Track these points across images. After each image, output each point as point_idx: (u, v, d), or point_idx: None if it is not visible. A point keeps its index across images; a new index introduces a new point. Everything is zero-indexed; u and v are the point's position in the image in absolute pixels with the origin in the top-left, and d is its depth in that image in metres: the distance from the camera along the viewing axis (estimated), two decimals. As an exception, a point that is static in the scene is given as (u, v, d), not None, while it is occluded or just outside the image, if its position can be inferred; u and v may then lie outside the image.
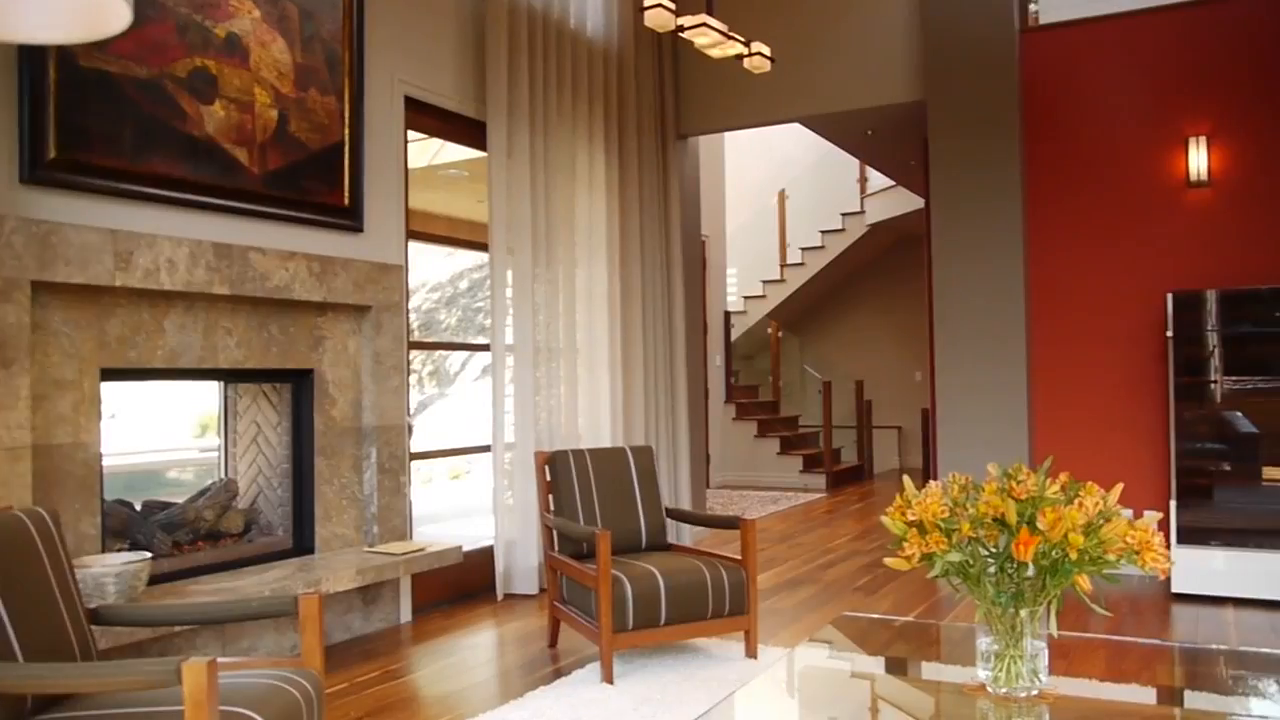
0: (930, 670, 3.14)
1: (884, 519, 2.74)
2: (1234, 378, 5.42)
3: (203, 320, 4.11)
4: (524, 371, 5.77)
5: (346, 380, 4.81)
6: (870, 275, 12.88)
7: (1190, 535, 5.30)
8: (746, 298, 12.76)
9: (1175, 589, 5.23)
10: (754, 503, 9.56)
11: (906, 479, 2.83)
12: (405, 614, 5.08)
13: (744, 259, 12.78)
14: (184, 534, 4.25)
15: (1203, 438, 5.47)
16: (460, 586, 5.55)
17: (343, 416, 4.79)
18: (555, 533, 4.48)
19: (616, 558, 4.18)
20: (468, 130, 5.81)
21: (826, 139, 7.94)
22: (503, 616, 5.21)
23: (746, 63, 5.29)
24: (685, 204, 7.38)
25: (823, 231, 12.17)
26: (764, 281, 12.66)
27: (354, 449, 4.85)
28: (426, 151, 6.55)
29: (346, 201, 4.76)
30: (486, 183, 5.65)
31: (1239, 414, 5.45)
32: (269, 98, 4.33)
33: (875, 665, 3.13)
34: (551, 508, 4.57)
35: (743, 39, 5.13)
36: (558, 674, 4.13)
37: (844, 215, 11.96)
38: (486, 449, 5.82)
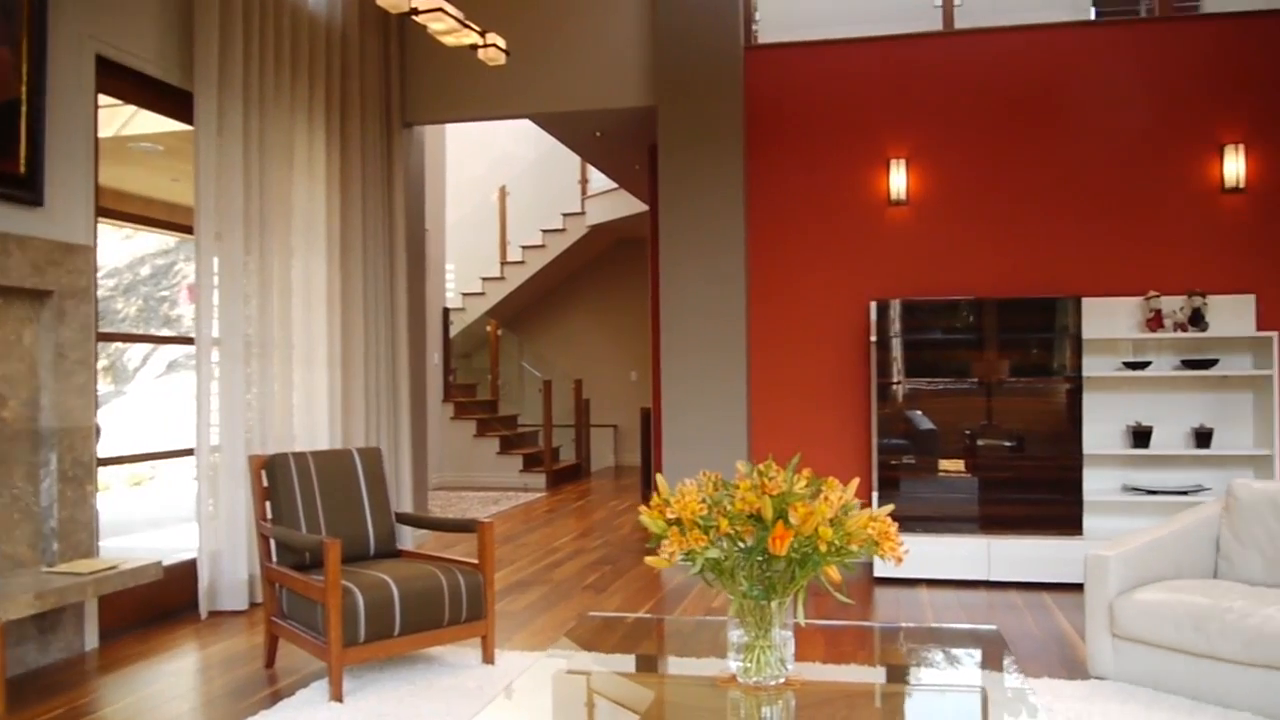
0: (681, 665, 3.17)
1: (643, 517, 2.73)
2: (917, 380, 5.96)
3: None
4: (232, 368, 5.30)
5: (19, 376, 4.17)
6: (590, 276, 13.08)
7: (887, 523, 5.76)
8: (465, 294, 12.55)
9: (876, 574, 5.67)
10: (474, 504, 9.40)
11: (660, 478, 2.84)
12: (91, 640, 4.49)
13: (463, 255, 12.55)
14: None
15: (895, 434, 5.97)
16: (156, 606, 4.99)
17: (15, 418, 4.15)
18: (273, 543, 4.12)
19: (345, 567, 3.90)
20: (171, 100, 5.24)
21: (556, 137, 7.93)
22: (208, 637, 4.74)
23: (481, 54, 5.14)
24: (410, 195, 7.10)
25: (543, 230, 12.20)
26: (483, 279, 12.51)
27: (29, 455, 4.21)
28: (114, 121, 5.85)
29: (22, 169, 4.13)
30: (191, 160, 5.13)
31: (919, 412, 6.00)
32: (-76, 42, 3.67)
33: (626, 664, 3.12)
34: (269, 516, 4.21)
35: (478, 29, 4.98)
36: (277, 696, 3.80)
37: (565, 215, 12.05)
38: (188, 452, 5.29)
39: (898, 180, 6.18)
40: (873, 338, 5.98)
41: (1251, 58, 5.85)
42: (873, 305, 5.98)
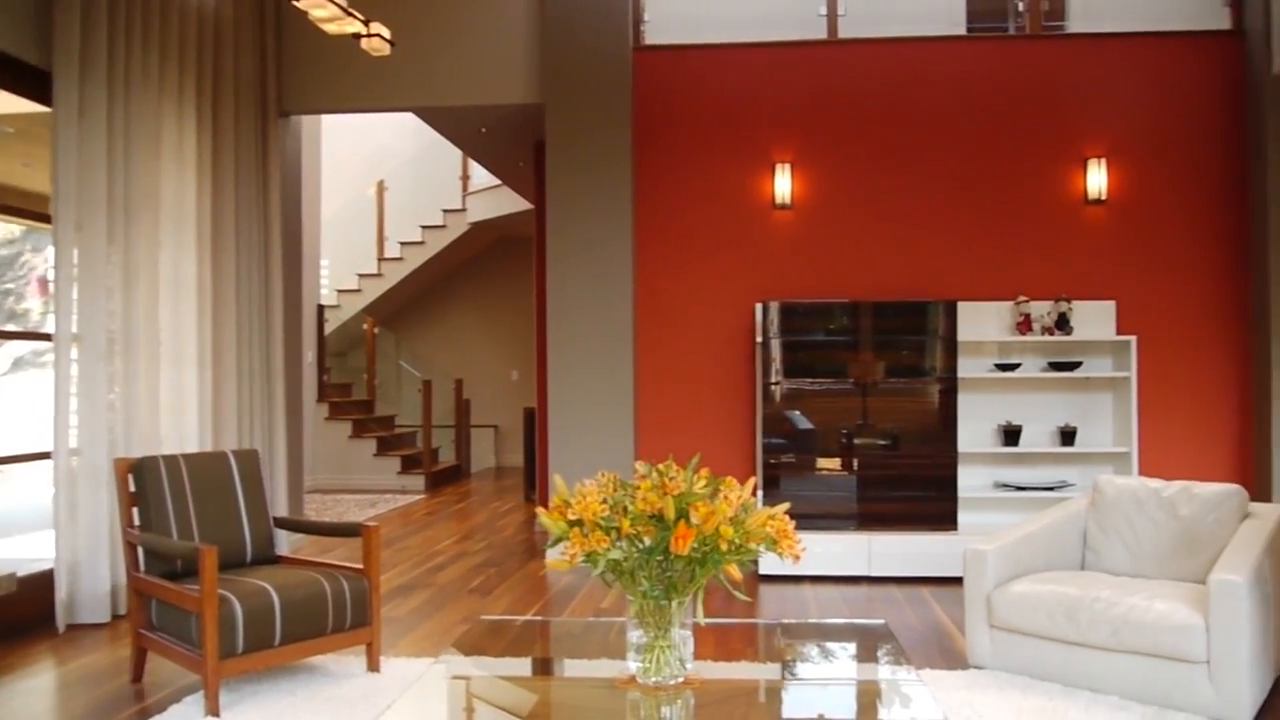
0: (578, 667, 3.13)
1: (543, 519, 2.69)
2: (800, 380, 6.07)
3: None
4: (94, 366, 4.99)
5: None
6: (471, 273, 12.88)
7: (771, 521, 5.84)
8: (340, 291, 12.18)
9: (762, 571, 5.74)
10: (350, 507, 9.13)
11: (558, 479, 2.80)
12: (-68, 660, 4.17)
13: (337, 250, 12.18)
14: None
15: (779, 433, 6.07)
16: (6, 620, 4.66)
17: None
18: (141, 551, 3.90)
19: (221, 575, 3.71)
20: (27, 80, 4.90)
21: (439, 132, 7.77)
22: (67, 652, 4.45)
23: (364, 43, 4.98)
24: (286, 188, 6.83)
25: (423, 226, 11.95)
26: (360, 275, 12.17)
27: None
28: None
29: None
30: (48, 145, 4.81)
31: (801, 412, 6.12)
32: None
33: (522, 668, 3.07)
34: (137, 522, 3.98)
35: (362, 17, 4.83)
36: (146, 713, 3.59)
37: (445, 211, 11.83)
38: (44, 456, 4.95)
39: (782, 184, 6.28)
40: (758, 339, 6.07)
41: (1113, 76, 6.18)
42: (758, 307, 6.07)
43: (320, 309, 10.87)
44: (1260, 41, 5.93)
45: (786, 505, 2.74)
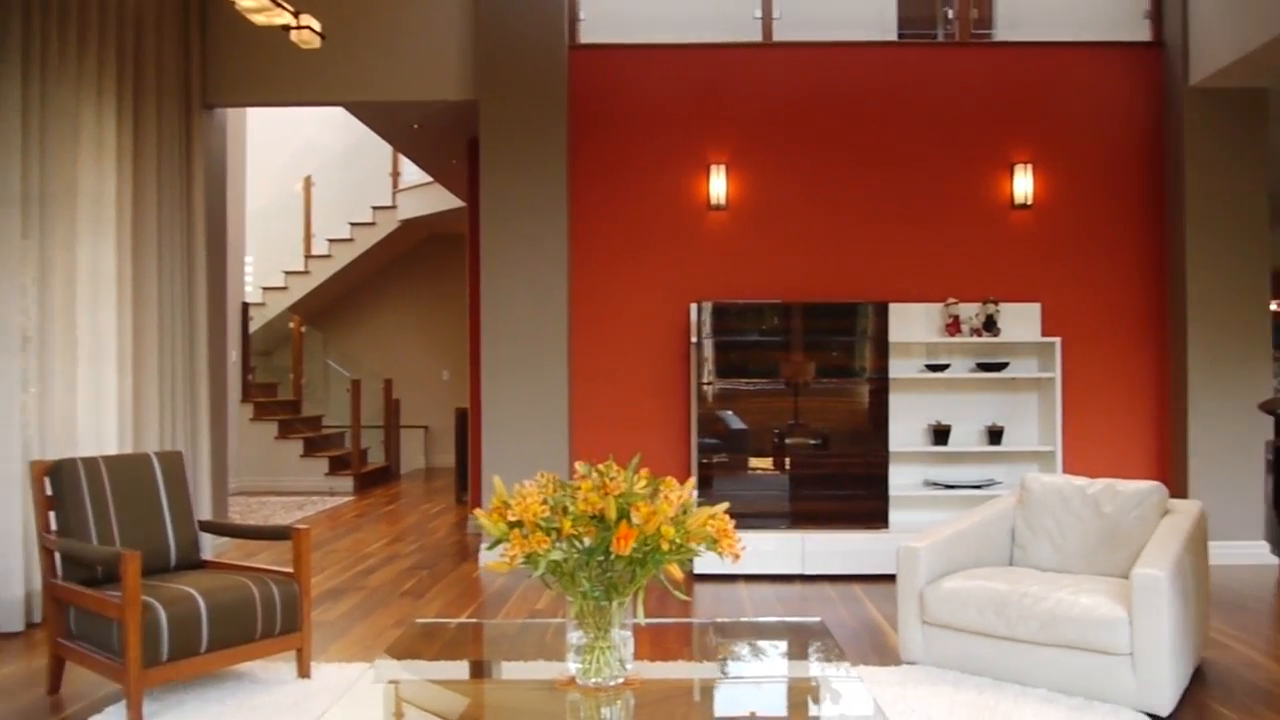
0: (516, 669, 3.09)
1: (481, 520, 2.65)
2: (736, 380, 6.10)
3: None
4: (6, 364, 4.81)
5: None
6: (401, 272, 12.70)
7: (706, 520, 5.86)
8: (266, 289, 11.91)
9: (697, 570, 5.75)
10: (277, 509, 8.93)
11: (497, 480, 2.76)
12: None
13: (263, 247, 11.91)
14: None
15: (714, 433, 6.10)
16: (-87, 631, 4.45)
17: None
18: (59, 557, 3.76)
19: (144, 580, 3.59)
20: (-66, 64, 4.69)
21: (370, 127, 7.62)
22: (-23, 663, 4.26)
23: (294, 35, 4.88)
24: (210, 182, 6.64)
25: (351, 224, 11.74)
26: (286, 272, 11.91)
27: None
28: None
29: None
30: (-40, 132, 4.61)
31: (735, 412, 6.15)
32: None
33: (459, 671, 3.02)
34: (54, 527, 3.83)
35: (291, 9, 4.72)
36: (64, 725, 3.46)
37: (375, 208, 11.64)
38: (-47, 458, 4.74)
39: (718, 185, 6.31)
40: (693, 339, 6.08)
41: (1038, 84, 6.33)
42: (694, 307, 6.08)
43: (245, 307, 10.61)
44: (1178, 54, 6.13)
45: (726, 505, 2.75)
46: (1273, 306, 6.25)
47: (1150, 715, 3.43)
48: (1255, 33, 5.37)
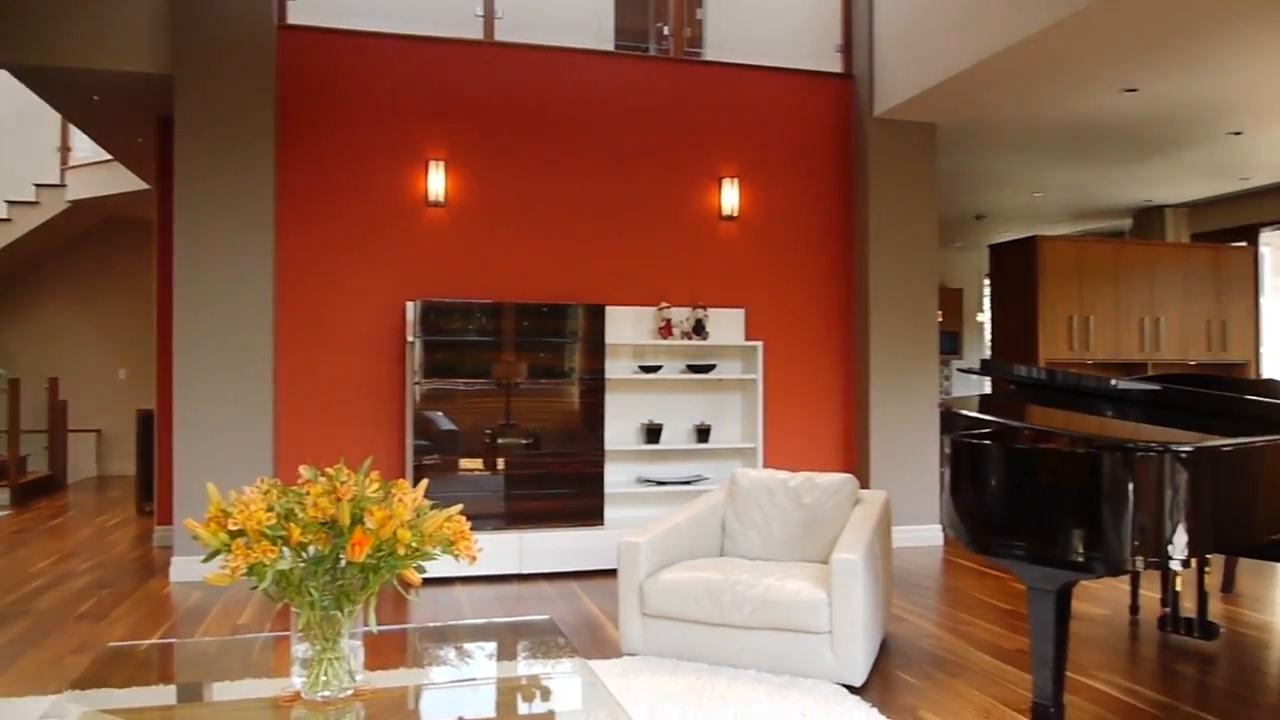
0: (230, 690, 2.86)
1: (197, 530, 2.43)
2: (454, 380, 6.00)
3: None
4: None
5: None
6: (71, 258, 11.36)
7: (423, 523, 5.72)
8: (-103, 274, 10.28)
9: (413, 574, 5.59)
10: (-89, 527, 7.71)
11: (212, 487, 2.55)
12: None
13: (-107, 225, 10.27)
14: None
15: (429, 434, 5.97)
16: None
17: None
18: None
19: None
20: None
21: (38, 94, 6.73)
22: None
23: (-51, -20, 4.26)
24: None
25: (9, 202, 10.38)
26: (-75, 256, 10.34)
27: None
28: None
29: None
30: None
31: (446, 413, 6.06)
32: None
33: (165, 696, 2.75)
34: None
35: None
36: None
37: (39, 186, 10.35)
38: None
39: (436, 182, 6.18)
40: (409, 338, 5.92)
41: (744, 104, 6.74)
42: (410, 305, 5.92)
43: None
44: (865, 86, 6.76)
45: (460, 506, 2.73)
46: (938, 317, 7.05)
47: (847, 686, 3.75)
48: (929, 74, 6.04)
